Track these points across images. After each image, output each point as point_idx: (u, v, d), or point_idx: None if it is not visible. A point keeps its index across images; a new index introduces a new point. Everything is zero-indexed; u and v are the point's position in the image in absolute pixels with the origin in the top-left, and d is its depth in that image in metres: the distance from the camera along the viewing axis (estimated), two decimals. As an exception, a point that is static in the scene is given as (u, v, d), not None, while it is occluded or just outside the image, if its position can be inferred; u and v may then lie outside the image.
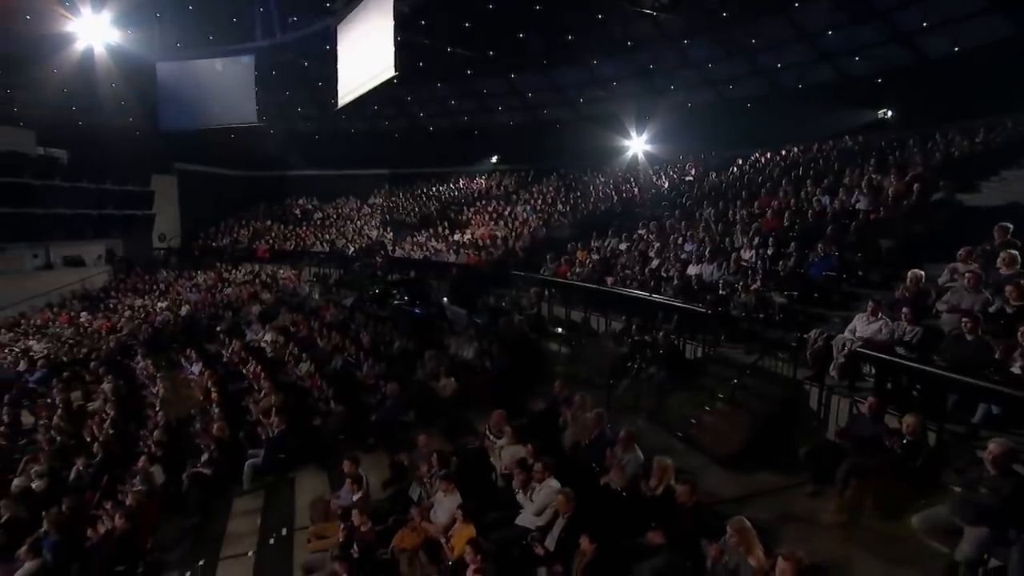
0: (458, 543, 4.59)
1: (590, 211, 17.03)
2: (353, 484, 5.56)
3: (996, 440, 3.74)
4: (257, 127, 28.61)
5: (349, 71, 12.26)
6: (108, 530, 6.18)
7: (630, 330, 8.61)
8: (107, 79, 20.68)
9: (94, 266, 23.84)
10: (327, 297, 14.68)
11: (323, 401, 8.41)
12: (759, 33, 16.48)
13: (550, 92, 25.56)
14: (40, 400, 12.38)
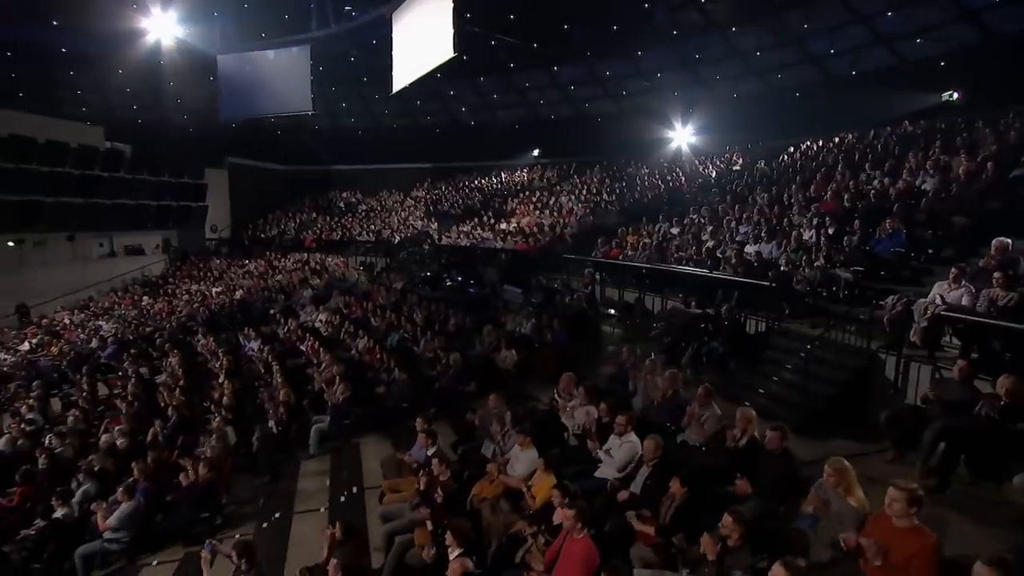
0: (540, 492, 4.69)
1: (636, 199, 16.96)
2: (428, 439, 5.70)
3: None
4: (303, 123, 29.84)
5: (404, 57, 12.54)
6: (192, 481, 6.49)
7: (689, 306, 8.56)
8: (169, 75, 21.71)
9: (152, 255, 24.93)
10: (377, 282, 14.99)
11: (385, 371, 8.62)
12: (812, 18, 16.14)
13: (592, 85, 25.61)
14: (112, 373, 13.07)
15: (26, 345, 16.17)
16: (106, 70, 23.43)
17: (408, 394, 7.95)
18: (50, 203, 20.04)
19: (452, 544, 3.98)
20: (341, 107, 30.09)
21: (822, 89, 17.47)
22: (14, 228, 19.58)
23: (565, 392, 6.27)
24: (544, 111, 28.86)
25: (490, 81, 27.00)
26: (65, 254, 21.86)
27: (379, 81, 25.29)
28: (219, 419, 7.88)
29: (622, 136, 24.14)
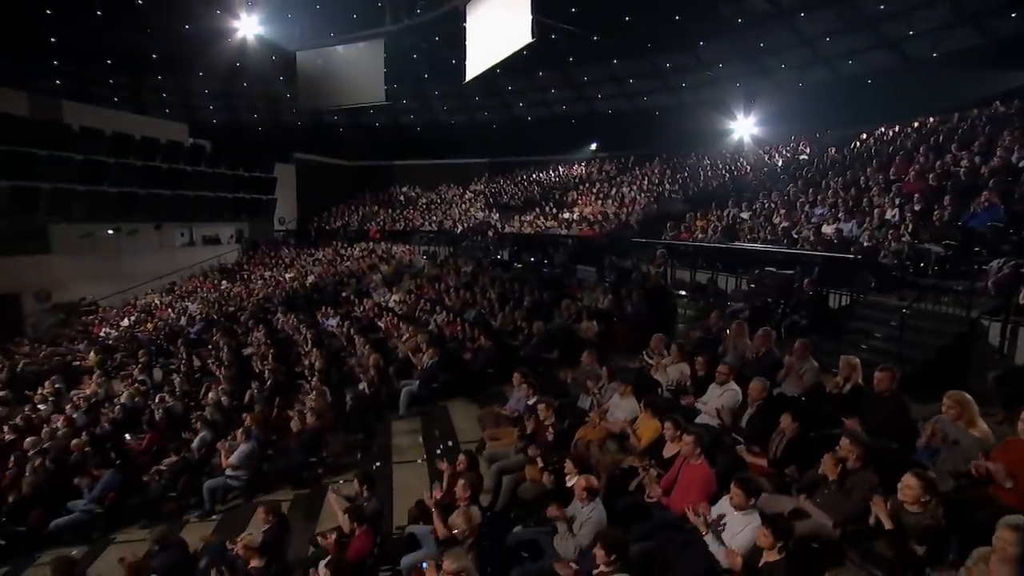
0: (645, 433, 4.92)
1: (701, 188, 16.88)
2: (530, 388, 6.01)
3: None
4: (364, 120, 31.00)
5: (478, 46, 12.90)
6: (301, 427, 7.04)
7: (759, 293, 8.56)
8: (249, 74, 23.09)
9: (227, 244, 26.41)
10: (445, 266, 15.49)
11: (469, 341, 9.01)
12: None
13: (652, 78, 25.55)
14: (201, 347, 14.05)
15: (126, 321, 17.54)
16: (190, 72, 25.17)
17: (494, 359, 8.30)
18: (143, 195, 21.61)
19: (571, 471, 4.27)
20: (401, 104, 31.01)
21: (898, 73, 16.90)
22: (114, 218, 21.22)
23: (656, 352, 6.48)
24: (601, 105, 28.97)
25: (548, 76, 27.32)
26: (153, 242, 23.46)
27: (444, 75, 26.31)
28: (316, 379, 8.45)
29: (681, 129, 24.00)
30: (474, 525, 3.72)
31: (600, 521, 3.69)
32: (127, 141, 21.33)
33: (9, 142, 17.80)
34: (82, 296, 20.42)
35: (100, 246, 21.52)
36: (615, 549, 3.10)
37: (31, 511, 6.70)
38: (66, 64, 23.03)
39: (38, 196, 18.68)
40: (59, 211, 19.46)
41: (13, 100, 18.82)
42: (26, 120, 18.64)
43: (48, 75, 23.09)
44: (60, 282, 20.14)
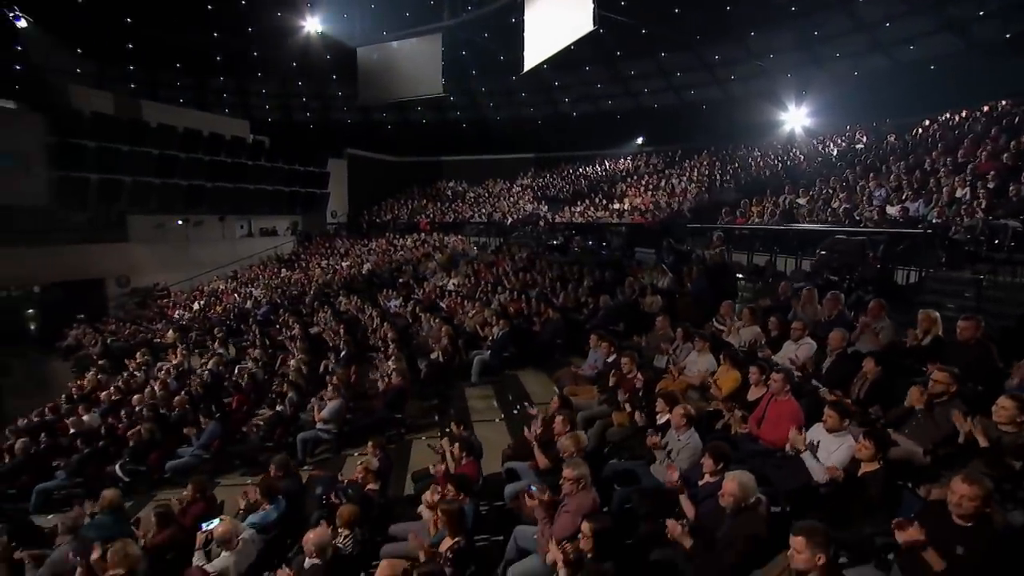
0: (725, 383, 5.20)
1: (754, 177, 16.85)
2: (610, 346, 6.35)
3: None
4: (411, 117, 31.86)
5: (537, 36, 13.27)
6: (387, 385, 7.56)
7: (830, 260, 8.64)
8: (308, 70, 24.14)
9: (283, 236, 27.58)
10: (500, 253, 15.93)
11: (535, 315, 9.39)
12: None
13: (700, 71, 25.46)
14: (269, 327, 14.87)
15: (196, 305, 18.65)
16: (250, 72, 26.48)
17: (562, 330, 8.66)
18: (209, 187, 22.86)
19: (663, 409, 4.59)
20: (449, 100, 31.69)
21: (964, 57, 16.45)
22: (183, 209, 22.52)
23: (726, 317, 6.73)
24: (647, 100, 29.00)
25: (595, 71, 27.51)
26: (216, 233, 24.74)
27: (492, 72, 26.89)
28: (392, 347, 8.98)
29: (730, 121, 23.91)
30: (581, 446, 4.09)
31: (696, 447, 4.01)
32: (196, 137, 22.62)
33: (99, 138, 19.20)
34: (156, 282, 21.75)
35: (170, 236, 22.86)
36: (722, 457, 3.42)
37: (149, 454, 7.43)
38: (141, 66, 24.57)
39: (121, 188, 20.06)
40: (138, 202, 20.83)
41: (101, 100, 20.28)
42: (112, 118, 20.03)
43: (126, 77, 24.70)
44: (137, 268, 21.53)
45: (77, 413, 9.29)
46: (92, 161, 19.31)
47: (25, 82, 20.44)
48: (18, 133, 17.82)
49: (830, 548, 2.40)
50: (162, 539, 4.64)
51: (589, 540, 2.92)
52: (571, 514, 3.34)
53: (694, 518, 3.29)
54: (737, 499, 2.96)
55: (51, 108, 18.74)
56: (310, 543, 3.56)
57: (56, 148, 18.46)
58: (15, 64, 20.38)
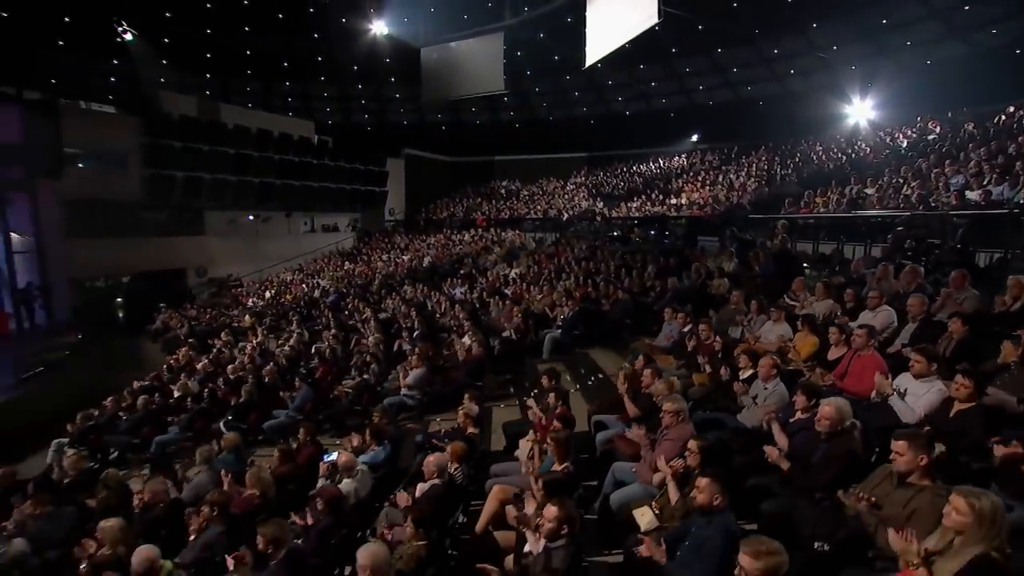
0: (804, 348, 5.38)
1: (817, 170, 16.61)
2: (686, 316, 6.62)
3: None
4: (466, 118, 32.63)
5: (599, 32, 13.57)
6: (467, 356, 8.03)
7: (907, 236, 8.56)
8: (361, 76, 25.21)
9: (343, 232, 28.80)
10: (560, 245, 16.28)
11: (604, 297, 9.69)
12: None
13: (758, 66, 25.14)
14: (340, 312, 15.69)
15: (268, 293, 19.80)
16: (314, 75, 27.82)
17: (630, 310, 8.94)
18: (278, 185, 24.18)
19: (745, 364, 4.85)
20: (502, 101, 32.32)
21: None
22: (254, 205, 23.92)
23: (798, 293, 6.87)
24: (702, 97, 28.83)
25: (649, 69, 27.53)
26: (282, 229, 26.14)
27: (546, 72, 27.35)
28: (468, 324, 9.47)
29: (789, 116, 23.48)
30: (674, 388, 4.40)
31: (783, 394, 4.25)
32: (268, 137, 23.99)
33: (183, 139, 20.71)
34: (229, 272, 23.17)
35: (242, 230, 24.32)
36: (814, 393, 3.67)
37: (250, 414, 8.15)
38: (216, 72, 26.20)
39: (201, 184, 21.51)
40: (216, 198, 22.27)
41: (186, 103, 21.84)
42: (195, 120, 21.54)
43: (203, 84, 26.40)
44: (213, 260, 23.01)
45: (179, 380, 10.21)
46: (178, 160, 20.83)
47: (123, 89, 22.21)
48: (117, 135, 19.42)
49: (931, 451, 2.64)
50: (284, 471, 5.21)
51: (696, 456, 3.23)
52: (673, 441, 3.66)
53: (787, 448, 3.55)
54: (833, 422, 3.21)
55: (145, 112, 20.34)
56: (431, 464, 4.01)
57: (149, 148, 20.02)
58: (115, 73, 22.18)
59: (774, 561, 2.13)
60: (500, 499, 3.82)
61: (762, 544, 2.19)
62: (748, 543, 2.24)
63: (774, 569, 2.11)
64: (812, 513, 2.92)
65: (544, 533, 2.81)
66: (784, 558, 2.15)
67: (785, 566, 2.14)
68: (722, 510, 2.79)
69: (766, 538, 2.29)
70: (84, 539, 4.51)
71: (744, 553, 2.17)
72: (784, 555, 2.15)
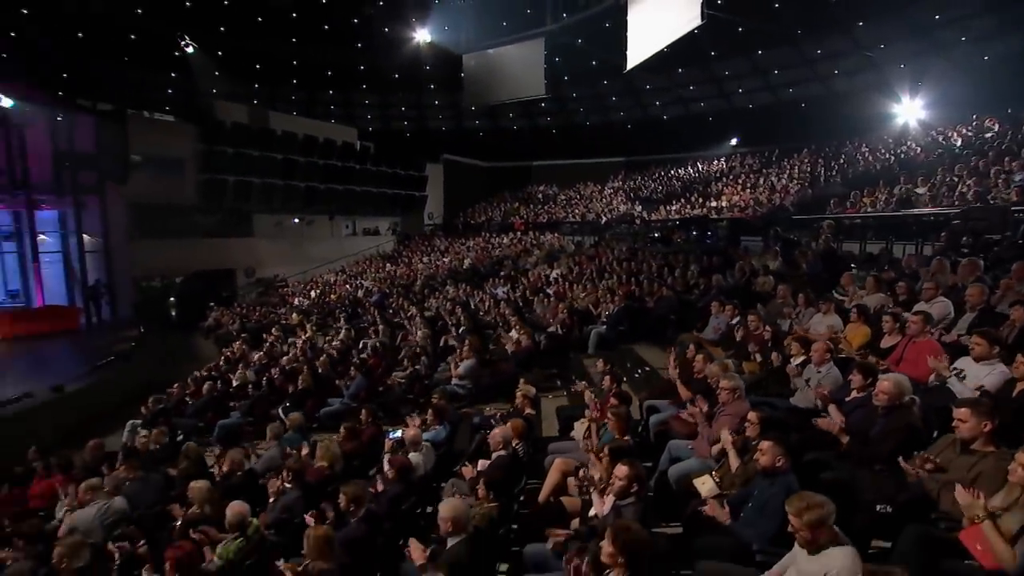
0: (855, 338, 5.42)
1: (863, 171, 16.31)
2: (734, 309, 6.71)
3: None
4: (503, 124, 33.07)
5: (641, 35, 13.71)
6: (516, 347, 8.27)
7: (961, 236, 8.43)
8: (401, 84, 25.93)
9: (384, 235, 29.53)
10: (599, 246, 16.41)
11: (647, 295, 9.81)
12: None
13: (800, 67, 24.78)
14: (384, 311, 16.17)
15: (313, 293, 20.51)
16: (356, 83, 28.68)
17: (674, 307, 9.03)
18: (322, 189, 25.02)
19: (797, 352, 4.93)
20: (540, 106, 32.65)
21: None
22: (300, 208, 24.83)
23: (847, 287, 6.88)
24: (741, 100, 28.53)
25: (687, 73, 27.43)
26: (325, 232, 27.00)
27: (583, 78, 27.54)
28: (515, 319, 9.71)
29: (833, 118, 23.05)
30: (729, 370, 4.53)
31: (837, 377, 4.34)
32: (313, 142, 24.87)
33: (235, 145, 21.71)
34: (276, 273, 24.06)
35: (287, 233, 25.25)
36: (870, 372, 3.76)
37: (306, 401, 8.56)
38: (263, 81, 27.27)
39: (251, 188, 22.45)
40: (264, 201, 23.21)
41: (237, 111, 22.88)
42: (246, 127, 22.55)
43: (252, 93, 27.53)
44: (260, 261, 23.96)
45: (237, 371, 10.76)
46: (230, 165, 21.82)
47: (180, 99, 23.42)
48: (176, 142, 20.51)
49: (994, 418, 2.73)
50: (350, 448, 5.53)
51: (756, 426, 3.38)
52: (731, 416, 3.81)
53: (844, 424, 3.65)
54: (892, 396, 3.31)
55: (201, 120, 21.41)
56: (497, 436, 4.25)
57: (203, 154, 21.05)
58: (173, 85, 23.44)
59: (818, 513, 2.27)
60: (562, 471, 4.03)
61: (804, 499, 2.33)
62: (791, 501, 2.39)
63: (820, 520, 2.25)
64: (872, 480, 3.03)
65: (615, 490, 3.00)
66: (828, 508, 2.28)
67: (831, 516, 2.28)
68: (785, 471, 2.93)
69: (808, 492, 2.43)
70: (174, 501, 4.92)
71: (789, 512, 2.32)
72: (828, 505, 2.29)
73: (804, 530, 2.27)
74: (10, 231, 17.64)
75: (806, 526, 2.26)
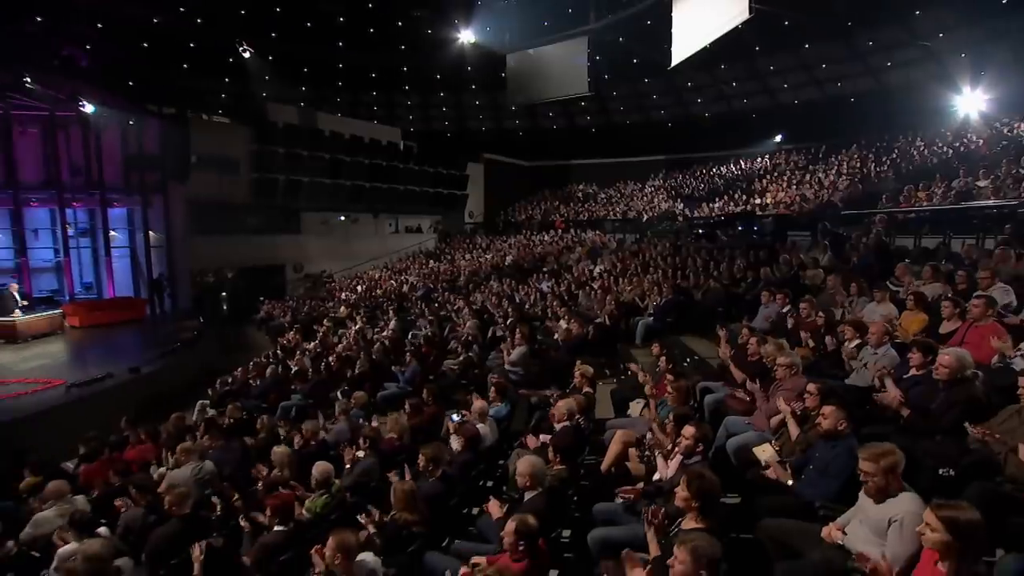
0: (911, 326, 5.45)
1: (918, 165, 15.88)
2: (784, 297, 6.79)
3: None
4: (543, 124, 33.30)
5: (686, 30, 13.72)
6: (568, 334, 8.51)
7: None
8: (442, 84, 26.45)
9: (426, 234, 30.16)
10: (641, 244, 16.48)
11: (694, 288, 9.89)
12: None
13: (850, 61, 24.18)
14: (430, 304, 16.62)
15: (359, 288, 21.19)
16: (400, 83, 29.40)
17: (722, 299, 9.11)
18: (368, 188, 25.76)
19: (852, 336, 5.01)
20: (579, 105, 32.74)
21: None
22: (346, 207, 25.65)
23: (902, 278, 6.85)
24: (786, 96, 28.01)
25: (730, 70, 27.10)
26: (370, 230, 27.77)
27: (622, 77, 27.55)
28: (563, 310, 9.95)
29: (885, 112, 22.46)
30: (785, 349, 4.67)
31: (894, 357, 4.41)
32: (359, 142, 25.65)
33: (286, 145, 22.62)
34: (323, 269, 24.92)
35: (333, 230, 26.08)
36: (929, 350, 3.85)
37: (363, 385, 8.99)
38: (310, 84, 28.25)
39: (300, 187, 23.33)
40: (312, 199, 24.07)
41: (287, 113, 23.83)
42: (296, 127, 23.46)
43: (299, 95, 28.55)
44: (308, 257, 24.87)
45: (295, 357, 11.32)
46: (281, 165, 22.74)
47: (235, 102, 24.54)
48: (232, 143, 21.52)
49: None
50: (416, 422, 5.88)
51: (815, 397, 3.53)
52: (789, 391, 3.96)
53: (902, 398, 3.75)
54: (953, 370, 3.40)
55: (255, 122, 22.40)
56: (561, 408, 4.50)
57: (257, 155, 22.01)
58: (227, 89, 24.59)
59: (893, 459, 2.43)
60: (624, 441, 4.25)
61: (876, 447, 2.50)
62: (863, 450, 2.56)
63: (892, 466, 2.42)
64: (935, 446, 3.14)
65: (682, 449, 3.22)
66: (901, 456, 2.44)
67: (901, 463, 2.44)
68: (847, 435, 3.09)
69: (877, 442, 2.59)
70: (258, 465, 5.36)
71: (863, 459, 2.49)
72: (899, 453, 2.45)
73: (878, 475, 2.44)
74: (86, 228, 18.85)
75: (881, 471, 2.43)
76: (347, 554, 2.87)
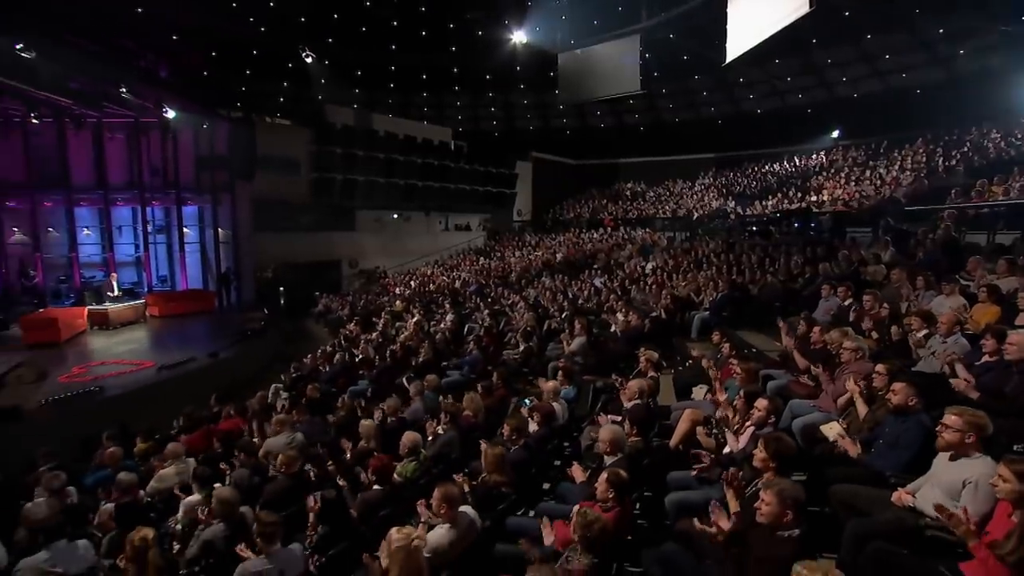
0: (982, 318, 5.44)
1: (992, 158, 15.26)
2: (846, 291, 6.85)
3: None
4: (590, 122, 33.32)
5: (741, 26, 13.61)
6: (626, 326, 8.74)
7: None
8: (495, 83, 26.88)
9: (475, 231, 30.74)
10: (693, 241, 16.45)
11: (750, 283, 9.94)
12: None
13: (915, 51, 23.26)
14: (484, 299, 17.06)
15: (413, 283, 21.88)
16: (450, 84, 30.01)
17: (779, 294, 9.13)
18: (420, 186, 26.51)
19: (919, 326, 5.08)
20: (628, 103, 32.62)
21: None
22: (398, 205, 26.47)
23: (974, 272, 6.79)
24: (845, 90, 27.09)
25: (785, 64, 26.47)
26: (421, 227, 28.53)
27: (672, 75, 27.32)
28: (620, 303, 10.18)
29: (954, 103, 21.44)
30: (850, 334, 4.80)
31: (965, 345, 4.49)
32: (412, 142, 26.42)
33: (343, 145, 23.59)
34: (376, 265, 25.81)
35: (386, 228, 26.94)
36: (1003, 336, 3.94)
37: (427, 371, 9.46)
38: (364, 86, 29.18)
39: (355, 186, 24.25)
40: (367, 198, 24.99)
41: (344, 114, 24.81)
42: (352, 128, 24.41)
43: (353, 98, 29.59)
44: (362, 254, 25.80)
45: (357, 347, 11.95)
46: (338, 164, 23.72)
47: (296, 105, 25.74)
48: (294, 144, 22.62)
49: None
50: (488, 403, 6.26)
51: (884, 377, 3.69)
52: (856, 373, 4.11)
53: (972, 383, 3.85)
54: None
55: (315, 123, 23.45)
56: (633, 387, 4.78)
57: (316, 155, 23.04)
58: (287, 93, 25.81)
59: (978, 419, 2.61)
60: (692, 419, 4.48)
61: (966, 409, 2.67)
62: (951, 408, 2.73)
63: (978, 425, 2.59)
64: (1010, 423, 3.26)
65: (755, 420, 3.45)
66: (987, 420, 2.62)
67: (989, 427, 2.61)
68: (917, 411, 3.25)
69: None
70: (344, 439, 5.85)
71: (949, 413, 2.67)
72: (987, 417, 2.62)
73: (960, 431, 2.62)
74: (162, 224, 20.24)
75: (965, 425, 2.61)
76: (451, 504, 3.24)
